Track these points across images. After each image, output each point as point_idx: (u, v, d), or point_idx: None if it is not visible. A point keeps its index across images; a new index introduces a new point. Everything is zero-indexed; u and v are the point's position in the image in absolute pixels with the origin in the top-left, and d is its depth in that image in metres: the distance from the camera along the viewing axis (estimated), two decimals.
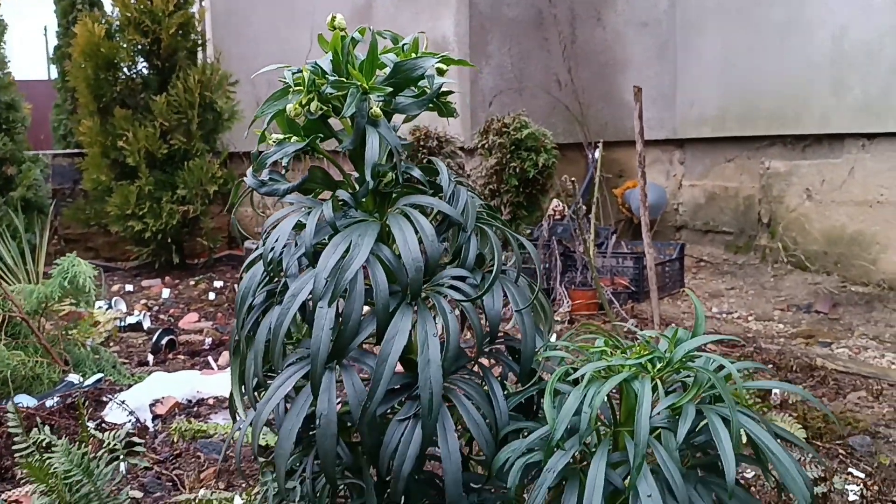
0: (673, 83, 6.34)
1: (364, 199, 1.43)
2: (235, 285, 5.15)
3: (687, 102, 6.24)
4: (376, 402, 1.24)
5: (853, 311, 4.33)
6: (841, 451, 2.31)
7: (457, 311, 1.39)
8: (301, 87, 1.32)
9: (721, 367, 1.31)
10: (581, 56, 6.15)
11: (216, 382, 3.13)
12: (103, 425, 2.64)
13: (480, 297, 1.32)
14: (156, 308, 4.73)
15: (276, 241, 1.35)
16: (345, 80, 1.29)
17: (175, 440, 2.35)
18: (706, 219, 6.26)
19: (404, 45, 1.42)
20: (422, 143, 4.13)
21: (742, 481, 2.09)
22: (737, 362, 1.32)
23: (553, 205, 4.04)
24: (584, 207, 4.53)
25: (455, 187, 1.39)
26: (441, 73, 1.45)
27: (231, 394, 1.57)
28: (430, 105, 1.44)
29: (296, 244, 1.37)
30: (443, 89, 1.44)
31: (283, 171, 1.47)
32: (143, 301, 4.85)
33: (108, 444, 2.03)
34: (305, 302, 1.30)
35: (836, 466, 2.22)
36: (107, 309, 4.43)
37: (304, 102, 1.33)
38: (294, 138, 1.42)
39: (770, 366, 3.35)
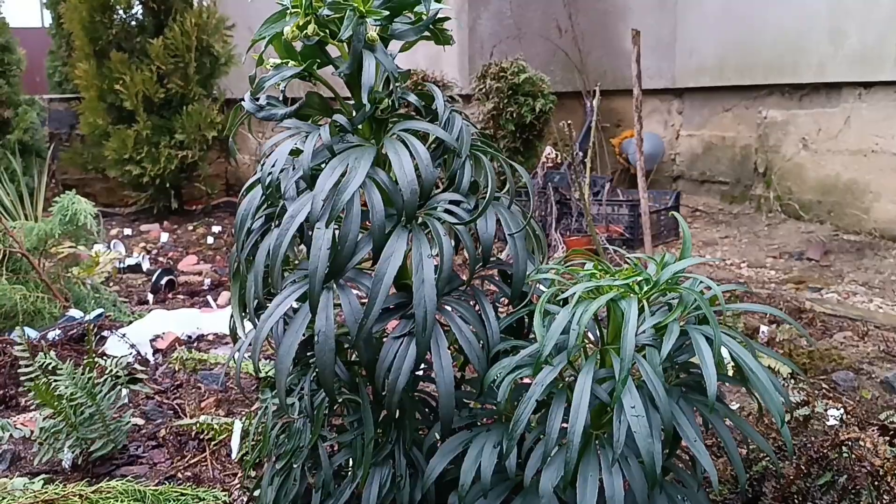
0: (672, 32, 6.30)
1: (361, 126, 1.45)
2: (233, 230, 5.18)
3: (686, 51, 6.21)
4: (372, 318, 1.28)
5: (844, 258, 4.38)
6: (825, 385, 2.38)
7: (452, 238, 1.43)
8: (298, 10, 1.33)
9: (708, 290, 1.35)
10: (582, 3, 6.10)
11: (216, 320, 3.18)
12: (105, 357, 2.69)
13: (474, 220, 1.35)
14: (154, 251, 4.76)
15: (275, 164, 1.38)
16: (342, 1, 1.31)
17: (176, 369, 2.41)
18: (703, 169, 6.28)
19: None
20: (419, 87, 4.11)
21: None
22: (722, 284, 1.35)
23: (546, 152, 4.05)
24: (581, 154, 4.54)
25: (450, 114, 1.42)
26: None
27: (231, 316, 1.62)
28: (427, 33, 1.46)
29: (293, 168, 1.40)
30: (439, 16, 1.45)
31: (280, 97, 1.49)
32: (142, 245, 4.88)
33: (112, 370, 2.08)
34: (303, 224, 1.33)
35: (827, 400, 2.29)
36: (106, 251, 4.47)
37: (301, 24, 1.35)
38: (291, 63, 1.44)
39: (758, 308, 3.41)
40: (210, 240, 4.90)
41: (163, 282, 3.72)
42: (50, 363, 1.93)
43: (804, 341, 2.72)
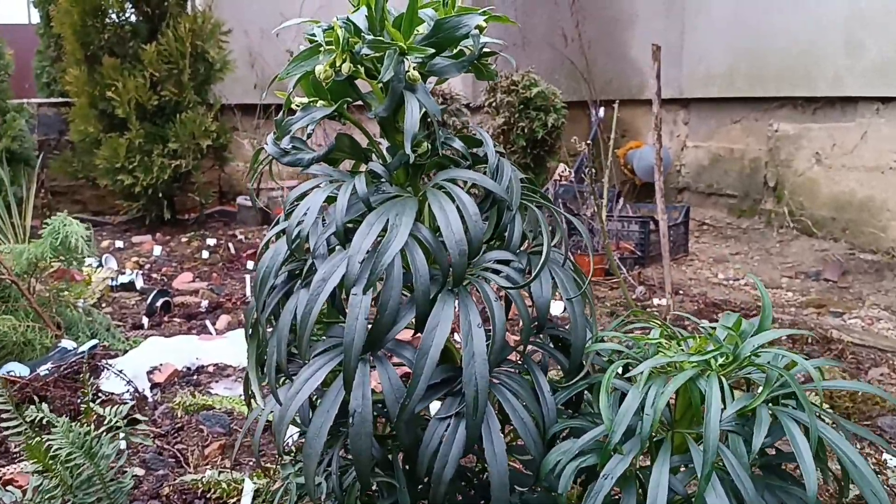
0: (680, 40, 6.16)
1: (396, 171, 1.30)
2: (230, 243, 5.01)
3: (694, 61, 6.07)
4: (416, 399, 1.12)
5: (863, 279, 4.25)
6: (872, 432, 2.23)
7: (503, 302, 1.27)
8: (333, 48, 1.17)
9: (792, 363, 1.20)
10: (588, 10, 5.96)
11: (215, 349, 3.01)
12: (100, 394, 2.52)
13: (529, 283, 1.20)
14: (147, 266, 4.58)
15: (303, 218, 1.22)
16: (383, 39, 1.15)
17: (178, 415, 2.24)
18: (710, 181, 6.14)
19: (444, 1, 1.27)
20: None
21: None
22: (811, 359, 1.21)
23: (560, 169, 3.90)
24: (594, 171, 4.39)
25: (499, 160, 1.26)
26: (480, 30, 1.31)
27: (246, 377, 1.45)
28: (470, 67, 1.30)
29: (323, 221, 1.24)
30: (485, 49, 1.30)
31: (305, 138, 1.33)
32: (135, 258, 4.70)
33: (110, 420, 1.91)
34: (336, 288, 1.17)
35: (867, 448, 2.15)
36: (97, 267, 4.29)
37: (335, 64, 1.19)
38: (320, 102, 1.28)
39: (784, 338, 3.28)
40: (205, 254, 4.72)
41: (158, 304, 3.55)
42: (43, 417, 1.76)
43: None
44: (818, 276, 4.34)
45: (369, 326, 1.14)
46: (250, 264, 4.52)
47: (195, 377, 2.80)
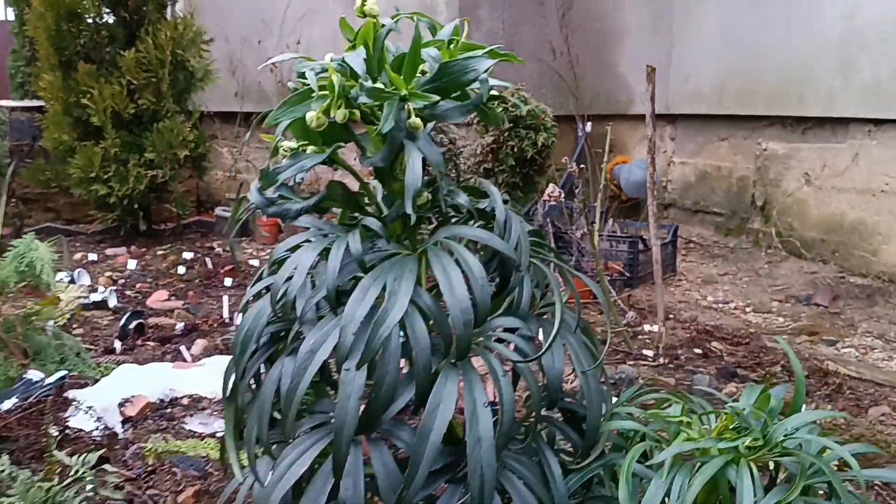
0: (668, 55, 6.08)
1: (392, 222, 1.18)
2: (206, 258, 4.86)
3: (682, 76, 6.00)
4: (416, 488, 1.00)
5: (854, 304, 4.19)
6: (878, 483, 2.15)
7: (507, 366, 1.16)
8: (328, 94, 1.05)
9: (824, 449, 1.10)
10: (576, 24, 5.87)
11: (190, 378, 2.88)
12: (68, 431, 2.38)
13: (540, 356, 1.08)
14: (122, 281, 4.42)
15: (290, 279, 1.10)
16: (384, 88, 1.03)
17: (150, 463, 2.10)
18: (696, 198, 6.07)
19: (450, 40, 1.16)
20: None
21: None
22: (846, 444, 1.10)
23: (549, 190, 3.80)
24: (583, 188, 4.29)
25: (507, 215, 1.15)
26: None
27: (223, 443, 1.33)
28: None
29: (313, 283, 1.12)
30: (493, 92, 1.19)
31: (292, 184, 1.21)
32: (108, 273, 4.54)
33: (77, 471, 1.78)
34: (326, 361, 1.05)
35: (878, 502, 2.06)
36: (69, 282, 4.13)
37: (329, 110, 1.07)
38: (311, 147, 1.16)
39: (779, 367, 3.19)
40: (181, 269, 4.56)
41: (131, 326, 3.40)
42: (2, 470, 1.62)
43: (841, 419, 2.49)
44: (809, 301, 4.27)
45: (363, 405, 1.02)
46: (228, 281, 4.38)
47: (169, 410, 2.66)
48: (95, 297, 3.90)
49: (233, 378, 1.24)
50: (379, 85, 1.05)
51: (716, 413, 1.19)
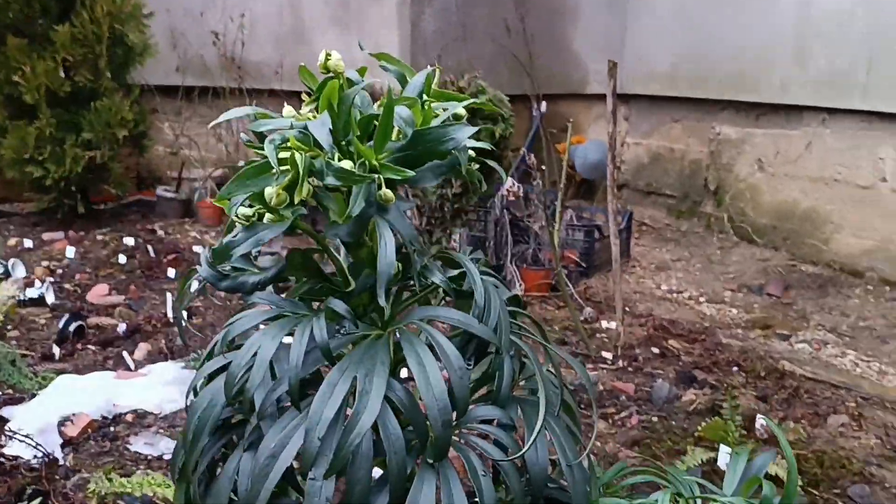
0: (622, 35, 6.00)
1: (360, 294, 1.08)
2: (148, 245, 4.66)
3: (635, 57, 5.93)
4: None
5: (806, 295, 4.22)
6: (841, 503, 2.15)
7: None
8: (289, 169, 0.94)
9: None
10: (531, 2, 5.74)
11: (134, 390, 2.74)
12: (2, 460, 2.24)
13: (524, 453, 1.00)
14: (60, 272, 4.21)
15: (249, 370, 0.99)
16: (353, 171, 0.92)
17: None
18: (649, 179, 6.06)
19: (422, 99, 1.05)
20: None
21: None
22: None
23: (508, 184, 3.72)
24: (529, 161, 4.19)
25: (486, 293, 1.05)
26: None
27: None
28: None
29: (273, 373, 1.01)
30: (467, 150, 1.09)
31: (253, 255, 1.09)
32: (45, 263, 4.32)
33: None
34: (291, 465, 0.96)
35: None
36: (2, 275, 3.92)
37: (291, 186, 0.96)
38: (268, 216, 1.05)
39: (735, 368, 3.19)
40: (122, 258, 4.36)
41: (71, 328, 3.23)
42: None
43: (797, 433, 2.49)
44: (761, 291, 4.29)
45: None
46: (171, 272, 4.21)
47: (112, 429, 2.53)
48: (32, 292, 3.70)
49: (182, 460, 1.13)
50: (347, 165, 0.94)
51: (703, 498, 1.13)
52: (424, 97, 1.11)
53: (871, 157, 4.26)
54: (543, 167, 3.87)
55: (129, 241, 4.75)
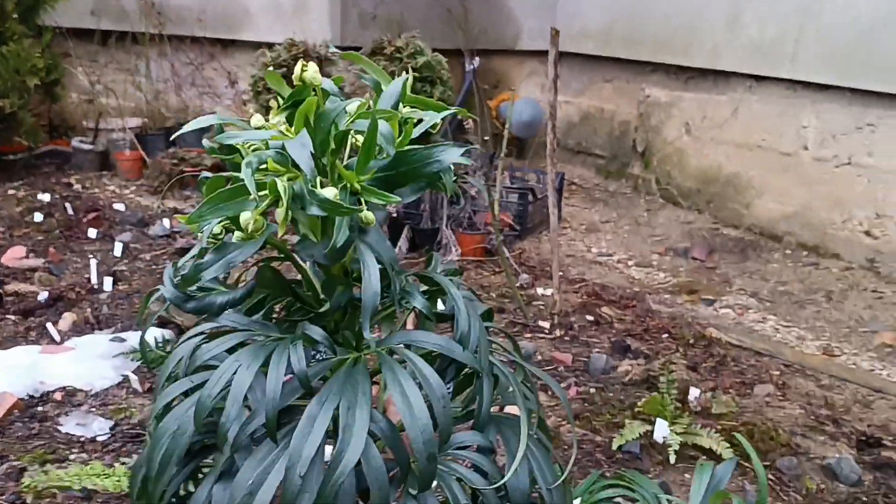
0: None
1: (335, 313, 1.04)
2: (66, 202, 4.44)
3: (568, 14, 5.90)
4: None
5: (728, 259, 4.36)
6: (771, 476, 2.25)
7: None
8: (270, 195, 0.88)
9: None
10: None
11: (61, 366, 2.63)
12: None
13: (506, 481, 0.99)
14: None
15: (227, 404, 0.94)
16: (341, 204, 0.87)
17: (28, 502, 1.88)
18: (579, 138, 6.10)
19: (404, 117, 1.00)
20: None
21: None
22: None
23: None
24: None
25: (469, 315, 1.03)
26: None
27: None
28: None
29: (247, 406, 0.97)
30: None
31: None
32: None
33: None
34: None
35: (771, 498, 2.16)
36: None
37: (266, 212, 0.90)
38: (237, 233, 0.99)
39: (665, 335, 3.28)
40: (38, 217, 4.14)
41: None
42: None
43: (730, 405, 2.59)
44: (687, 254, 4.40)
45: None
46: (92, 232, 4.02)
47: (40, 408, 2.42)
48: None
49: (142, 487, 1.08)
50: (331, 193, 0.88)
51: None
52: (400, 107, 1.06)
53: (795, 125, 4.38)
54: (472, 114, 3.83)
55: (45, 197, 4.51)
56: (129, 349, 2.75)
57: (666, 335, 3.29)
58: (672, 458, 2.27)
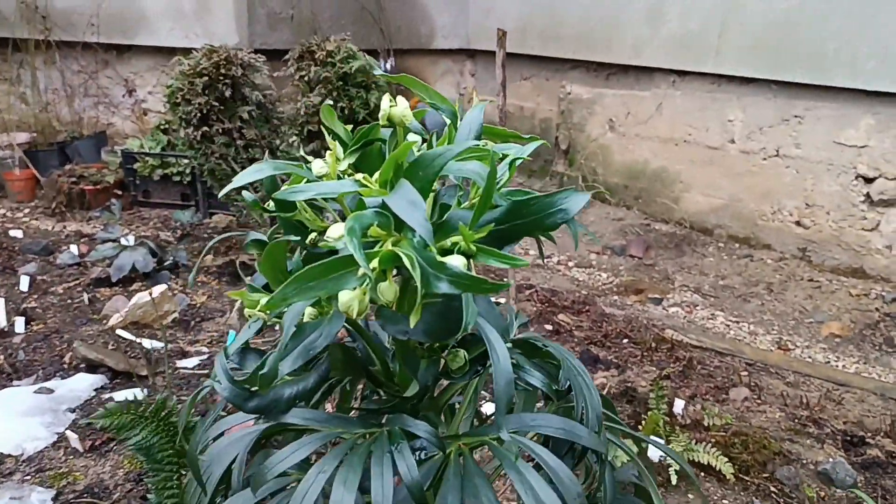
0: None
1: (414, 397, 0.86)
2: None
3: (482, 11, 5.80)
4: None
5: (665, 255, 4.35)
6: (773, 487, 2.19)
7: None
8: (380, 266, 0.69)
9: None
10: None
11: None
12: None
13: None
14: None
15: None
16: (482, 279, 0.69)
17: None
18: None
19: (503, 156, 0.83)
20: (223, 70, 3.28)
21: None
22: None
23: None
24: None
25: (585, 387, 0.86)
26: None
27: None
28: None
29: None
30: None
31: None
32: None
33: None
34: None
35: None
36: None
37: (373, 288, 0.71)
38: (308, 311, 0.79)
39: (626, 340, 3.21)
40: None
41: None
42: None
43: (720, 418, 2.52)
44: (624, 252, 4.37)
45: None
46: None
47: None
48: None
49: None
50: (460, 262, 0.70)
51: None
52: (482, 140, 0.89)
53: (721, 118, 4.42)
54: None
55: None
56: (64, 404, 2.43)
57: (626, 340, 3.22)
58: (674, 479, 2.17)
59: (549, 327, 3.28)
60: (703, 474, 2.23)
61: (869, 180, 3.82)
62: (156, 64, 5.25)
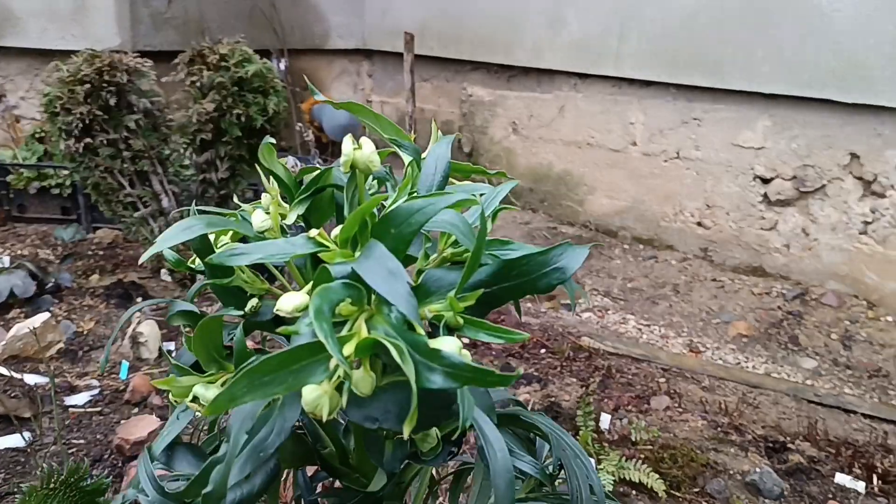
0: None
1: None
2: None
3: (378, 10, 5.65)
4: None
5: None
6: (704, 502, 2.15)
7: None
8: (356, 355, 0.55)
9: None
10: None
11: None
12: None
13: None
14: None
15: None
16: (488, 370, 0.56)
17: None
18: None
19: (485, 201, 0.71)
20: (106, 77, 3.01)
21: None
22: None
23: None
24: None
25: (580, 469, 0.75)
26: None
27: None
28: None
29: None
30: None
31: None
32: None
33: None
34: None
35: None
36: None
37: (342, 385, 0.57)
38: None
39: (543, 350, 3.16)
40: None
41: None
42: None
43: (646, 431, 2.49)
44: None
45: None
46: None
47: None
48: None
49: None
50: (453, 345, 0.57)
51: None
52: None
53: (623, 121, 4.44)
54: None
55: None
56: None
57: (544, 350, 3.16)
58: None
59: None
60: (634, 493, 2.18)
61: (766, 181, 3.91)
62: (29, 67, 4.84)
